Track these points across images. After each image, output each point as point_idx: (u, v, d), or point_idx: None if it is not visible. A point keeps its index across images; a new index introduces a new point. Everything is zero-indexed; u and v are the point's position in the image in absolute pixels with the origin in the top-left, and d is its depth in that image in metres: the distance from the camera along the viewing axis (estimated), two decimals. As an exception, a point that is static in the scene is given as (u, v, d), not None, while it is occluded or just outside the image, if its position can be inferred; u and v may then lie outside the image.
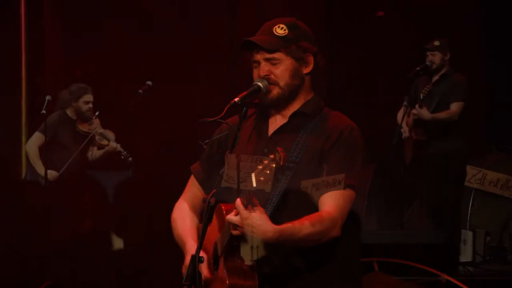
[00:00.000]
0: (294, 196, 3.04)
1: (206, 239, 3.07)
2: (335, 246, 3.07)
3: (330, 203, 3.03)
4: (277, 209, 3.04)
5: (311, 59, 3.19)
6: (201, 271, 3.12)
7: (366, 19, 9.25)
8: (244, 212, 2.90)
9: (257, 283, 3.00)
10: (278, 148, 2.86)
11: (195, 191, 3.36)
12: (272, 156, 2.83)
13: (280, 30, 3.16)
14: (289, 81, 3.16)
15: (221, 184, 3.08)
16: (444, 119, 7.15)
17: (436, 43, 7.28)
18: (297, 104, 3.20)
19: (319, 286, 3.09)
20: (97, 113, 7.66)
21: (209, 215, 3.02)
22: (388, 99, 8.27)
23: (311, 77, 3.21)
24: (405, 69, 7.44)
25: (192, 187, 3.38)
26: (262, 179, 2.83)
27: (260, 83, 3.14)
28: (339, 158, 3.08)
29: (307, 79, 3.21)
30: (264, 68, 3.15)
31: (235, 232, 2.94)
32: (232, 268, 3.01)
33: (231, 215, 2.95)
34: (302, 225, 2.96)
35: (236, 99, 3.08)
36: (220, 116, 3.08)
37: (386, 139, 7.47)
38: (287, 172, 3.02)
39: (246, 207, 2.91)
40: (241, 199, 2.93)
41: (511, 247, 7.70)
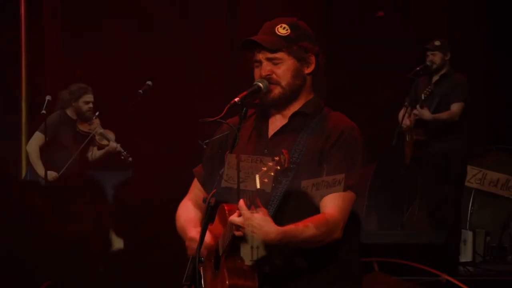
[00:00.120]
0: (295, 197, 3.03)
1: (208, 238, 3.07)
2: (335, 246, 3.06)
3: (332, 205, 3.02)
4: (279, 210, 3.03)
5: (312, 59, 3.18)
6: (201, 270, 3.12)
7: (366, 19, 9.25)
8: (247, 213, 2.89)
9: (257, 283, 2.99)
10: (283, 150, 2.85)
11: (197, 192, 3.35)
12: (277, 158, 2.83)
13: (282, 30, 3.15)
14: (290, 81, 3.15)
15: (221, 184, 3.07)
16: (445, 119, 7.15)
17: (437, 43, 7.28)
18: (297, 104, 3.19)
19: (319, 287, 3.08)
20: (97, 113, 7.65)
21: (209, 215, 3.01)
22: (388, 99, 8.27)
23: (313, 77, 3.21)
24: (405, 69, 7.44)
25: (195, 189, 3.37)
26: (266, 180, 2.83)
27: (260, 83, 3.13)
28: (339, 158, 3.07)
29: (308, 79, 3.19)
30: (266, 68, 3.14)
31: (237, 233, 2.93)
32: (232, 268, 3.00)
33: (234, 216, 2.94)
34: (305, 227, 2.95)
35: (236, 99, 3.07)
36: (220, 116, 3.07)
37: (386, 139, 7.47)
38: (288, 173, 3.01)
39: (249, 208, 2.90)
40: (244, 200, 2.92)
41: (511, 247, 7.70)
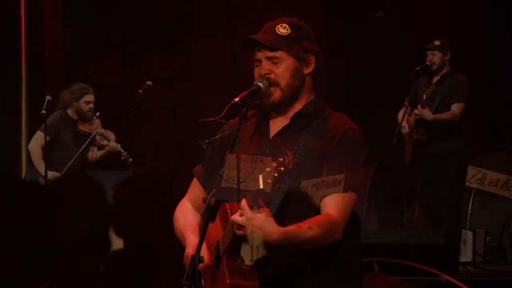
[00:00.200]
0: (296, 197, 3.03)
1: (208, 238, 3.07)
2: (335, 246, 3.06)
3: (333, 205, 3.02)
4: (280, 210, 3.03)
5: (312, 59, 3.17)
6: (201, 270, 3.12)
7: (366, 19, 9.26)
8: (250, 213, 2.89)
9: (257, 283, 2.99)
10: (287, 151, 2.85)
11: (197, 192, 3.34)
12: (281, 159, 2.82)
13: (282, 30, 3.15)
14: (290, 81, 3.14)
15: (221, 184, 3.07)
16: (446, 120, 7.15)
17: (437, 42, 7.28)
18: (298, 105, 3.18)
19: (319, 287, 3.08)
20: (97, 113, 7.65)
21: (209, 214, 3.01)
22: (388, 99, 8.27)
23: (313, 77, 3.20)
24: (405, 69, 7.44)
25: (194, 188, 3.36)
26: (269, 181, 2.83)
27: (260, 83, 3.12)
28: (341, 160, 3.06)
29: (308, 80, 3.19)
30: (265, 66, 3.14)
31: (239, 232, 2.93)
32: (233, 268, 3.00)
33: (236, 215, 2.93)
34: (307, 228, 2.95)
35: (236, 99, 3.06)
36: (220, 116, 3.07)
37: (386, 139, 7.47)
38: (290, 174, 3.01)
39: (251, 207, 2.90)
40: (246, 199, 2.92)
41: (511, 247, 7.70)
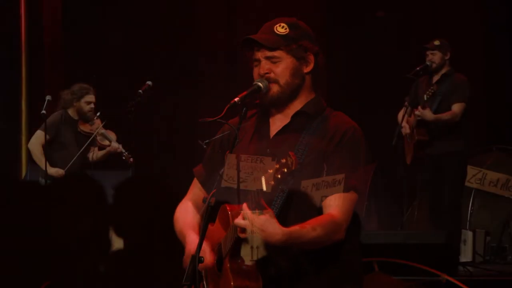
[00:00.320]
0: (297, 198, 3.03)
1: (209, 238, 3.07)
2: (337, 247, 3.06)
3: (335, 205, 3.02)
4: (281, 210, 3.02)
5: (311, 58, 3.17)
6: (202, 270, 3.12)
7: (366, 19, 9.25)
8: (252, 216, 2.89)
9: (261, 284, 2.99)
10: (290, 152, 2.85)
11: (197, 192, 3.34)
12: (283, 160, 2.82)
13: (281, 29, 3.15)
14: (289, 79, 3.14)
15: (221, 184, 3.07)
16: (447, 120, 7.15)
17: (436, 42, 7.28)
18: (298, 104, 3.18)
19: (321, 287, 3.07)
20: (98, 113, 7.65)
21: (209, 215, 3.00)
22: (388, 99, 8.27)
23: (312, 77, 3.20)
24: (405, 69, 7.44)
25: (194, 188, 3.36)
26: (272, 183, 2.83)
27: (260, 83, 3.12)
28: (342, 159, 3.06)
29: (307, 79, 3.19)
30: (265, 66, 3.14)
31: (242, 235, 2.92)
32: (236, 269, 2.99)
33: (238, 219, 2.93)
34: (310, 228, 2.95)
35: (236, 99, 3.06)
36: (220, 116, 3.07)
37: (386, 139, 7.47)
38: (292, 174, 3.01)
39: (254, 209, 2.89)
40: (248, 203, 2.92)
41: (511, 247, 7.70)
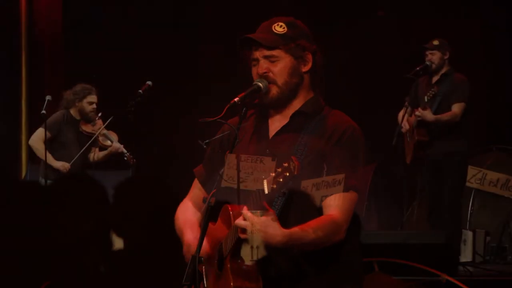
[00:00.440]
0: (297, 198, 3.02)
1: (209, 238, 3.07)
2: (337, 247, 3.05)
3: (335, 206, 3.01)
4: (282, 211, 3.02)
5: (309, 58, 3.17)
6: (201, 270, 3.12)
7: (366, 19, 9.25)
8: (253, 217, 2.89)
9: (261, 285, 2.99)
10: (292, 156, 2.85)
11: (197, 192, 3.34)
12: (286, 164, 2.82)
13: (279, 28, 3.15)
14: (287, 79, 3.14)
15: (221, 184, 3.06)
16: (447, 120, 7.15)
17: (435, 42, 7.29)
18: (297, 103, 3.18)
19: (322, 287, 3.08)
20: (100, 114, 7.65)
21: (209, 215, 3.00)
22: (388, 99, 8.27)
23: (311, 76, 3.19)
24: (405, 69, 7.44)
25: (195, 188, 3.36)
26: (274, 186, 2.83)
27: (260, 83, 3.12)
28: (341, 159, 3.05)
29: (306, 78, 3.19)
30: (263, 65, 3.13)
31: (243, 236, 2.92)
32: (236, 270, 2.99)
33: (239, 220, 2.93)
34: (310, 229, 2.95)
35: (236, 99, 3.06)
36: (220, 116, 3.07)
37: (386, 139, 7.47)
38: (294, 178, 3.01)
39: (255, 210, 2.90)
40: (249, 204, 2.92)
41: (511, 247, 7.70)
